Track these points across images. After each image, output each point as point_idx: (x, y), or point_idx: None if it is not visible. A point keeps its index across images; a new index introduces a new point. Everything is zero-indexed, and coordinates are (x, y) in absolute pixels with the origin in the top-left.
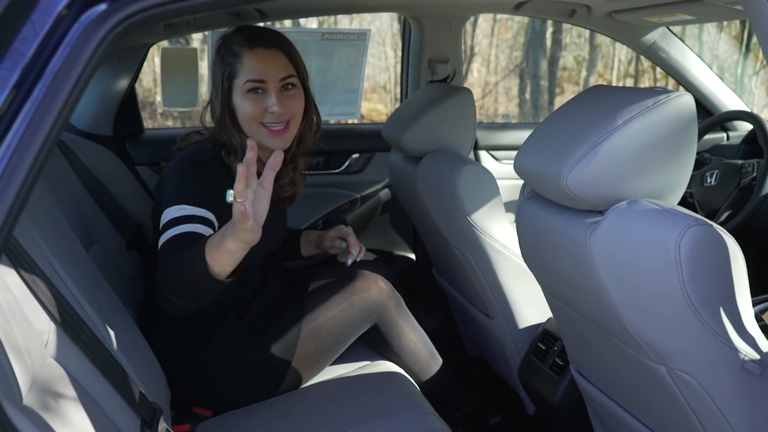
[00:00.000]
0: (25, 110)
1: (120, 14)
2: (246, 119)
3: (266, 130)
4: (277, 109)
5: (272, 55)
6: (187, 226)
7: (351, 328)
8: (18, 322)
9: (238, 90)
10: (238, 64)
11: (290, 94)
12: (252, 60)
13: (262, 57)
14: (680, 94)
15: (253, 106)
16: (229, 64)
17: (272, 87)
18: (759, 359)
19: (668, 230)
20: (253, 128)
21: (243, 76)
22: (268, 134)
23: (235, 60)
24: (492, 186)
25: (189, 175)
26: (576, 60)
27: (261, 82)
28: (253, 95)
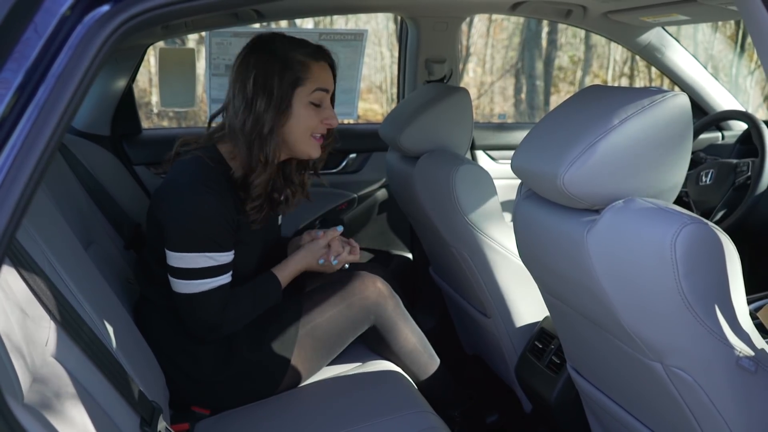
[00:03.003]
0: (28, 113)
1: (123, 15)
2: (303, 129)
3: (315, 141)
4: (334, 121)
5: (329, 69)
6: (223, 277)
7: (349, 328)
8: (18, 321)
9: (302, 99)
10: (306, 73)
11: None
12: (320, 71)
13: (326, 69)
14: (676, 93)
15: (315, 116)
16: (295, 71)
17: (327, 98)
18: (754, 356)
19: (664, 228)
20: (305, 138)
21: (311, 84)
22: (317, 145)
23: (304, 69)
24: (489, 185)
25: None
26: (571, 60)
27: (326, 91)
28: (314, 106)
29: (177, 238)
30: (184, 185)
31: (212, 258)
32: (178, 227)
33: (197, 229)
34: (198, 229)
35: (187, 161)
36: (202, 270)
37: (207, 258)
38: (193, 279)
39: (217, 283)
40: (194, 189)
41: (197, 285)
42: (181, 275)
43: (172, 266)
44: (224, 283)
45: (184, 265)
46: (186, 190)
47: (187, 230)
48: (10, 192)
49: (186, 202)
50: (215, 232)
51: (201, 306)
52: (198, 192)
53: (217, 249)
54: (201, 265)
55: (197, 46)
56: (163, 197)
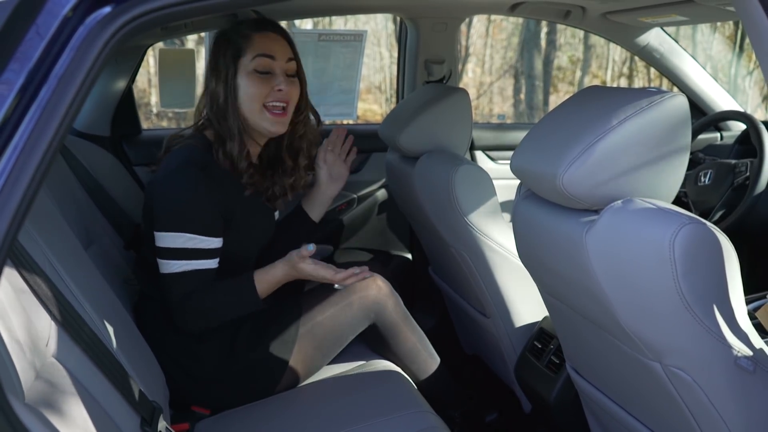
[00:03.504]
0: (31, 114)
1: (125, 17)
2: (250, 99)
3: (269, 112)
4: (284, 87)
5: (280, 39)
6: (201, 262)
7: (349, 327)
8: (19, 321)
9: (245, 69)
10: (246, 43)
11: (291, 81)
12: (263, 40)
13: (272, 38)
14: (674, 94)
15: (260, 84)
16: (237, 45)
17: (279, 67)
18: (752, 356)
19: (663, 229)
20: (256, 109)
21: (252, 53)
22: (270, 117)
23: (244, 40)
24: (488, 186)
25: (191, 191)
26: (570, 60)
27: (271, 57)
28: (260, 75)
29: (163, 218)
30: (174, 168)
31: (193, 239)
32: (164, 206)
33: (182, 208)
34: (182, 209)
35: (178, 149)
36: (182, 250)
37: (188, 238)
38: (172, 259)
39: (195, 267)
40: (183, 170)
41: (176, 265)
42: (164, 255)
43: (158, 246)
44: (203, 269)
45: (166, 244)
46: (175, 172)
47: (172, 209)
48: (12, 193)
49: (174, 181)
50: (199, 213)
51: (176, 286)
52: (186, 173)
53: (199, 231)
54: (181, 246)
55: (197, 46)
56: (155, 182)
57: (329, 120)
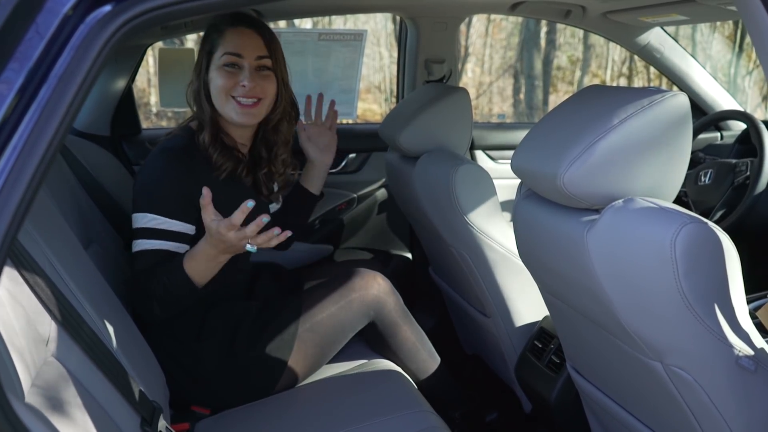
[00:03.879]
0: (30, 113)
1: (125, 15)
2: (217, 91)
3: (235, 102)
4: (248, 83)
5: (251, 35)
6: (162, 243)
7: (349, 325)
8: (19, 321)
9: (215, 64)
10: (219, 39)
11: (263, 75)
12: (232, 35)
13: (242, 34)
14: (675, 93)
15: (226, 78)
16: (212, 40)
17: (247, 63)
18: (753, 355)
19: (664, 228)
20: (223, 100)
21: (222, 49)
22: (237, 107)
23: (218, 36)
24: (489, 185)
25: (162, 173)
26: (570, 60)
27: (237, 56)
28: (228, 69)
29: (136, 200)
30: (151, 155)
31: (157, 219)
32: (137, 189)
33: (150, 189)
34: (150, 190)
35: (162, 140)
36: (147, 230)
37: (152, 218)
38: (139, 238)
39: (157, 246)
40: (157, 156)
41: (140, 244)
42: (134, 235)
43: (133, 228)
44: (165, 249)
45: (136, 224)
46: (150, 158)
47: (142, 190)
48: (12, 193)
49: (147, 166)
50: (163, 195)
51: (137, 264)
52: (160, 157)
53: (164, 213)
54: (146, 225)
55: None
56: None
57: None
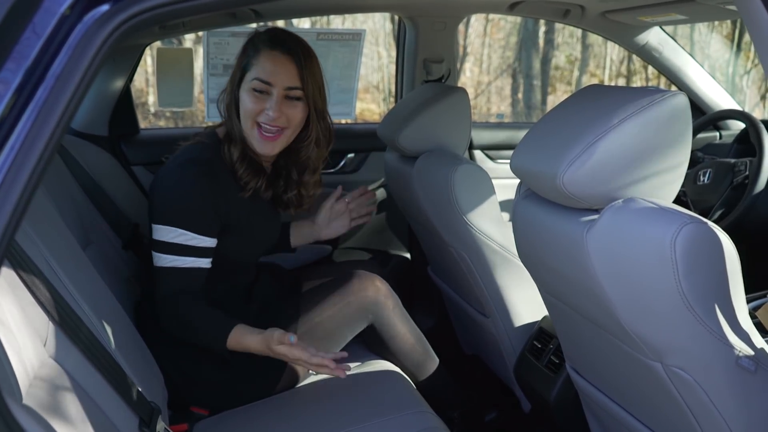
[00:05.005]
0: (28, 113)
1: (123, 15)
2: (245, 113)
3: (258, 131)
4: (272, 113)
5: (286, 62)
6: (189, 259)
7: (347, 327)
8: (17, 322)
9: (246, 84)
10: (255, 59)
11: (292, 104)
12: (267, 60)
13: (277, 61)
14: (675, 93)
15: (254, 103)
16: (248, 57)
17: (276, 91)
18: (753, 355)
19: (664, 228)
20: (248, 125)
21: (254, 72)
22: (259, 136)
23: (255, 55)
24: (488, 185)
25: (190, 188)
26: (568, 60)
27: (267, 84)
28: (257, 93)
29: (159, 211)
30: (177, 163)
31: (185, 235)
32: (161, 200)
33: (177, 204)
34: (178, 205)
35: (187, 146)
36: (174, 245)
37: (180, 234)
38: (164, 252)
39: (185, 264)
40: (184, 166)
41: (167, 259)
42: (157, 247)
43: (152, 238)
44: (193, 267)
45: (159, 237)
46: (177, 167)
47: (168, 203)
48: (9, 193)
49: (174, 177)
50: (194, 211)
51: (165, 281)
52: (185, 168)
53: (192, 228)
54: (173, 240)
55: (194, 45)
56: (158, 175)
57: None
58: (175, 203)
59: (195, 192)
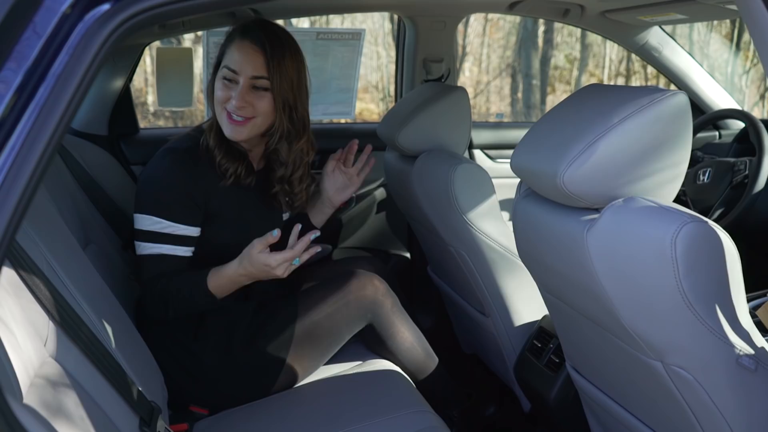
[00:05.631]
0: (29, 113)
1: (124, 14)
2: (216, 101)
3: (226, 115)
4: (235, 102)
5: (253, 52)
6: (167, 247)
7: (346, 326)
8: (17, 321)
9: (220, 72)
10: (227, 48)
11: (258, 94)
12: (235, 50)
13: (244, 50)
14: (675, 92)
15: (222, 90)
16: (224, 46)
17: (242, 80)
18: (753, 354)
19: (664, 227)
20: (218, 110)
21: (225, 60)
22: (227, 120)
23: (228, 44)
24: (487, 184)
25: (166, 175)
26: (567, 59)
27: (233, 72)
28: (225, 81)
29: (138, 200)
30: (157, 154)
31: (161, 223)
32: (140, 188)
33: (153, 191)
34: (154, 192)
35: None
36: (151, 233)
37: (156, 221)
38: (143, 240)
39: (163, 251)
40: (160, 155)
41: (146, 247)
42: (137, 236)
43: (134, 228)
44: (172, 254)
45: (138, 225)
46: (155, 157)
47: (145, 191)
48: (10, 193)
49: (150, 165)
50: (166, 198)
51: (145, 268)
52: (162, 157)
53: (165, 215)
54: (150, 228)
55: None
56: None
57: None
58: (151, 192)
59: (169, 180)
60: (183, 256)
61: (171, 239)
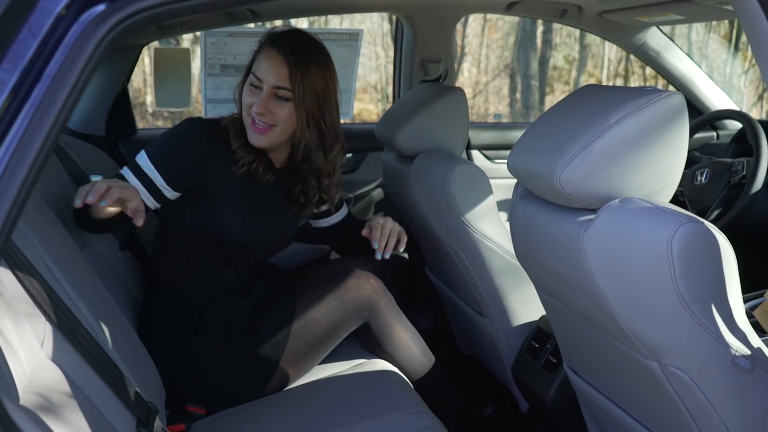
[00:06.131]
0: (24, 113)
1: (119, 15)
2: (242, 105)
3: (251, 121)
4: (257, 108)
5: (278, 62)
6: (141, 187)
7: (341, 325)
8: (14, 322)
9: (248, 78)
10: (257, 55)
11: (280, 103)
12: (263, 58)
13: (270, 59)
14: (671, 93)
15: (248, 95)
16: (257, 51)
17: (266, 89)
18: (750, 354)
19: (660, 228)
20: (245, 115)
21: (254, 66)
22: (250, 126)
23: (259, 52)
24: (485, 185)
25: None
26: (566, 60)
27: (258, 80)
28: (252, 87)
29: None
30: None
31: (149, 166)
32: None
33: (162, 140)
34: (162, 140)
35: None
36: (136, 165)
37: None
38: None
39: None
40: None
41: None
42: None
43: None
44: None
45: (136, 157)
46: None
47: (159, 137)
48: (5, 193)
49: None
50: (167, 151)
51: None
52: (187, 120)
53: (156, 164)
54: (139, 161)
55: (192, 45)
56: None
57: None
58: (160, 140)
59: (177, 138)
60: (145, 202)
61: (147, 183)
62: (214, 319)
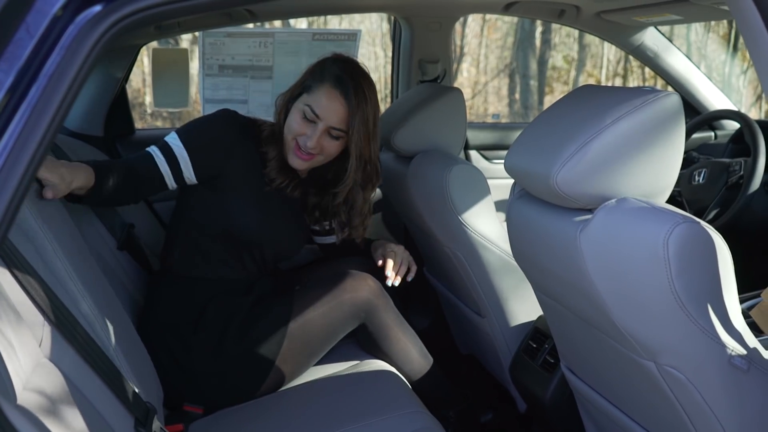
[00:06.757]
0: (20, 113)
1: (115, 15)
2: (288, 127)
3: (294, 145)
4: (310, 143)
5: (339, 104)
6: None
7: (339, 325)
8: (12, 322)
9: (300, 103)
10: (316, 86)
11: (331, 140)
12: (324, 95)
13: (332, 100)
14: (668, 93)
15: (299, 124)
16: (313, 80)
17: (321, 125)
18: (746, 354)
19: (656, 228)
20: (287, 137)
21: (311, 99)
22: (294, 150)
23: (319, 82)
24: (483, 185)
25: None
26: (565, 60)
27: (315, 116)
28: (305, 119)
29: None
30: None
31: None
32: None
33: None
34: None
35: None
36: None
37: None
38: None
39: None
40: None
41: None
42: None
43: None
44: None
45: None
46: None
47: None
48: (1, 193)
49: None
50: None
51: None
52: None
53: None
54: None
55: (190, 46)
56: None
57: None
58: (193, 123)
59: (212, 121)
60: (165, 180)
61: (172, 162)
62: (212, 317)
